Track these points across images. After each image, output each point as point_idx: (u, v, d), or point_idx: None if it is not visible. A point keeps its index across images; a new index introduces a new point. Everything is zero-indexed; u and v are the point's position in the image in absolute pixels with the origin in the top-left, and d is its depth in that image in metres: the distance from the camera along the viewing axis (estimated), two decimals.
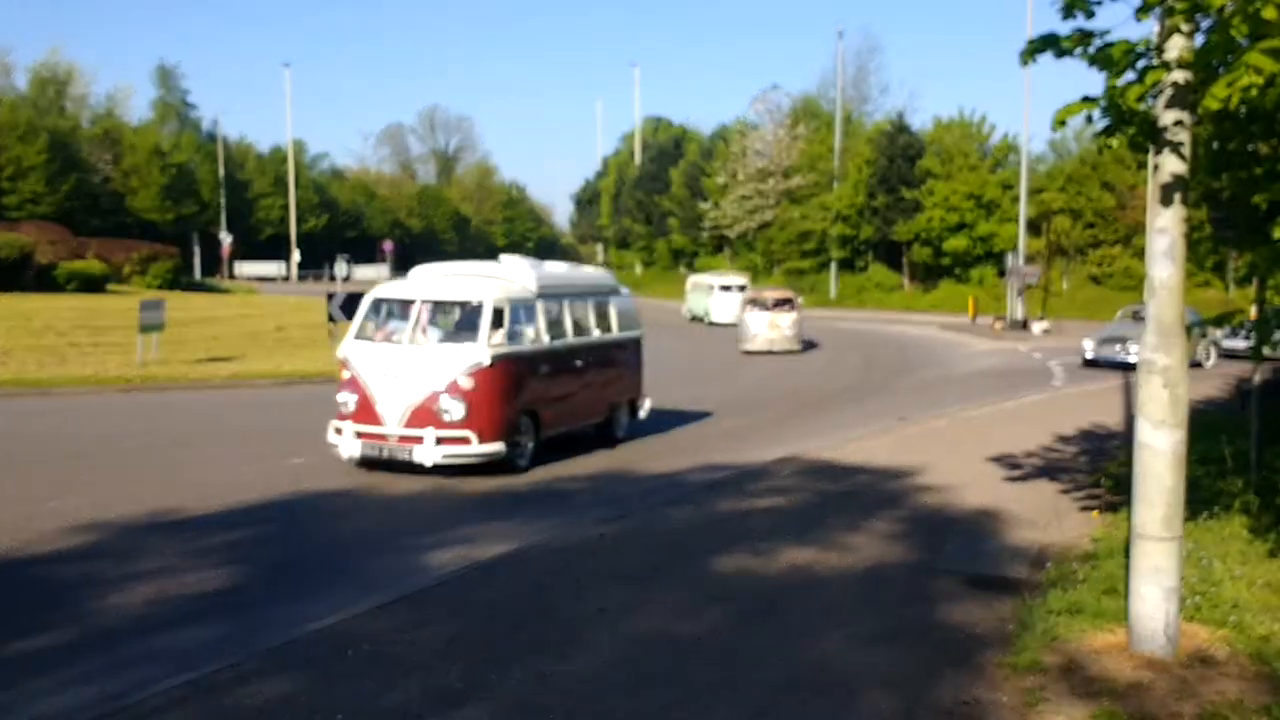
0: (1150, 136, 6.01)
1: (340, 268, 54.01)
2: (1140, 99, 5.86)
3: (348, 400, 11.51)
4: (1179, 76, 5.75)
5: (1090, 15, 6.14)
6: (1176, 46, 5.74)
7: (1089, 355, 27.00)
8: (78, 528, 9.03)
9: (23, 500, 9.99)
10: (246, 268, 71.67)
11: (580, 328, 13.27)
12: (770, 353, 29.24)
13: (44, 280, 40.19)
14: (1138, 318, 27.58)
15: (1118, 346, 26.29)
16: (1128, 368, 24.70)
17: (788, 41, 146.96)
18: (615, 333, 14.12)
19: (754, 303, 31.29)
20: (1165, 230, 5.87)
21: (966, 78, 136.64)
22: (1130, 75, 5.90)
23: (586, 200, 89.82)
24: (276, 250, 76.66)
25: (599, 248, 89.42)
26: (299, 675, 5.72)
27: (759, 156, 63.16)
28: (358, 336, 11.91)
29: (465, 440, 11.08)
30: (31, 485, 10.67)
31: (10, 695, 5.63)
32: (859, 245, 58.76)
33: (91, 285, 41.83)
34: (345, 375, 11.65)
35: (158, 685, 5.59)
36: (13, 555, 8.26)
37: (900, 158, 55.95)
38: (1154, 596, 5.91)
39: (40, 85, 78.22)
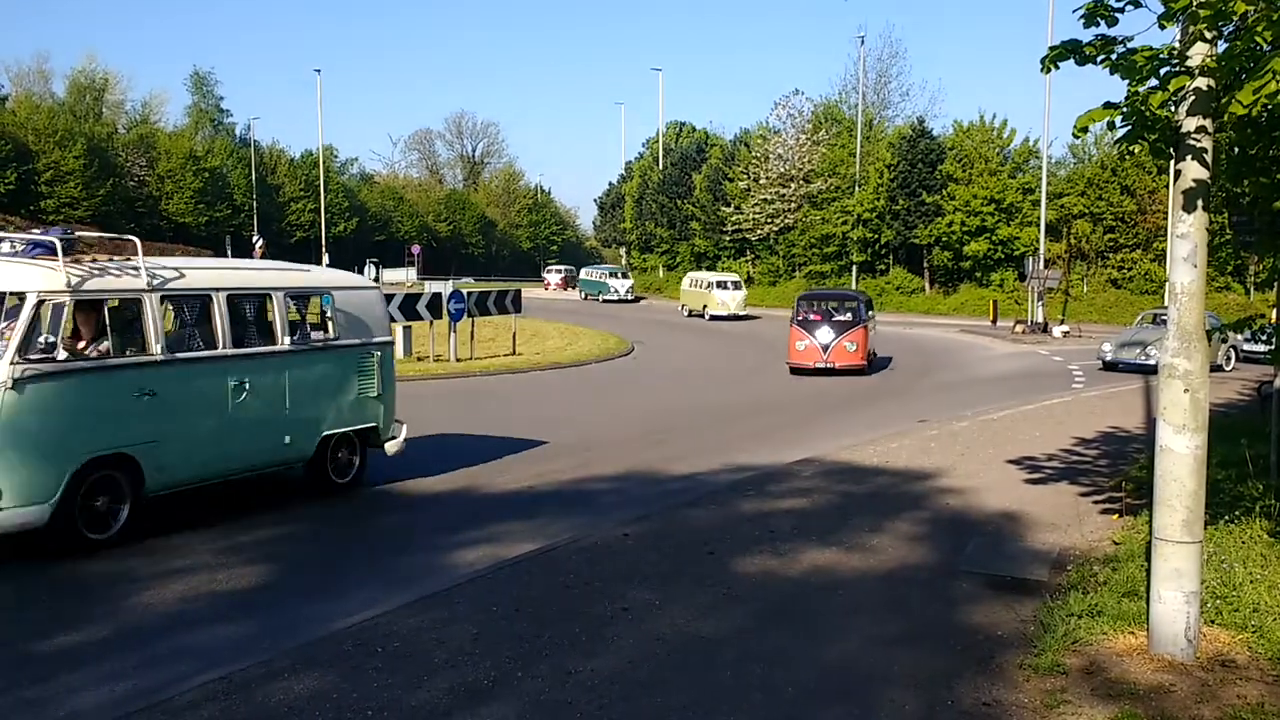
0: (1172, 143, 6.04)
1: (369, 271, 54.40)
2: (1163, 105, 5.89)
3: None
4: (1202, 83, 5.78)
5: (1113, 23, 6.18)
6: (1199, 53, 5.77)
7: (1108, 358, 26.94)
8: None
9: None
10: None
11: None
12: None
13: None
14: (1158, 321, 27.51)
15: (1138, 350, 26.21)
16: (1147, 371, 24.63)
17: (809, 47, 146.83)
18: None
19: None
20: (1187, 236, 5.91)
21: (987, 82, 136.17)
22: (1153, 82, 5.93)
23: (610, 204, 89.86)
24: (307, 253, 76.90)
25: (622, 251, 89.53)
26: (328, 672, 5.81)
27: (780, 161, 63.13)
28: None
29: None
30: None
31: (46, 690, 5.74)
32: (880, 249, 58.68)
33: None
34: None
35: (190, 682, 5.70)
36: (47, 552, 8.40)
37: (921, 162, 55.88)
38: (1174, 600, 5.94)
39: (78, 92, 79.09)
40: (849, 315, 24.82)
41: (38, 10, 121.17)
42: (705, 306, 46.90)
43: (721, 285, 47.83)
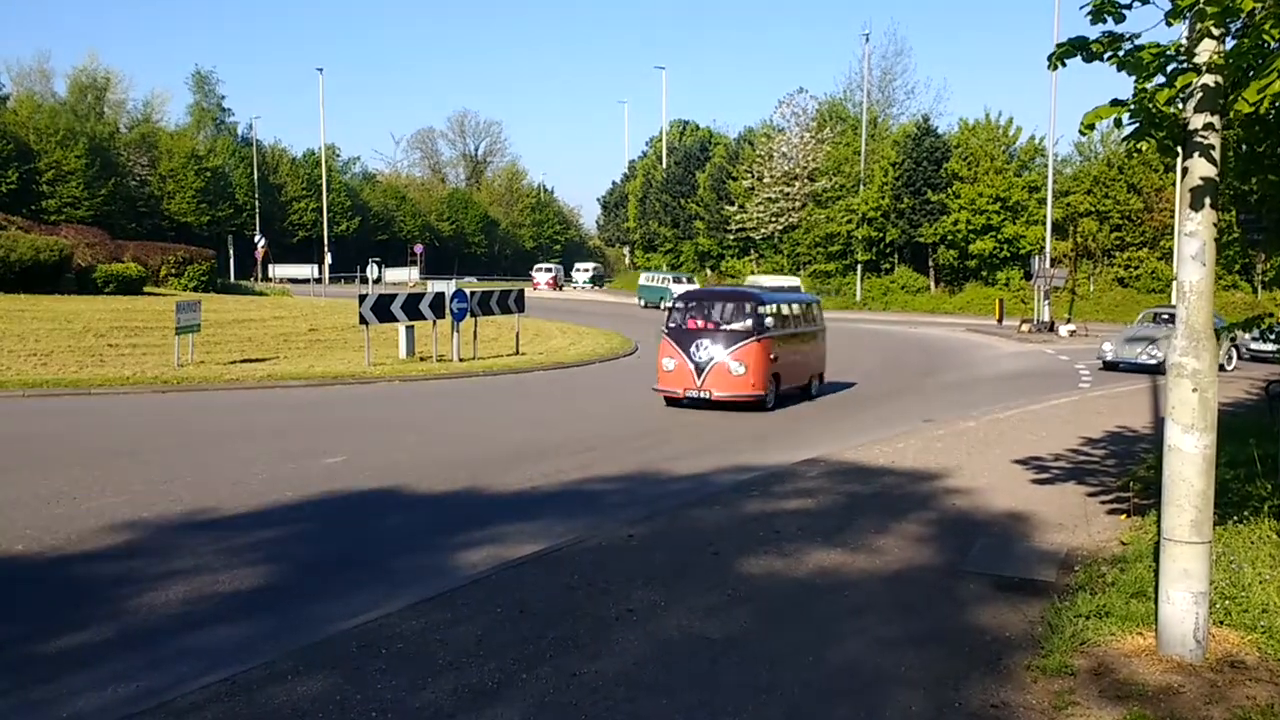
0: (1180, 140, 6.00)
1: (371, 270, 54.42)
2: (1170, 102, 5.86)
3: None
4: (1209, 80, 5.74)
5: (1120, 19, 6.14)
6: (1207, 50, 5.74)
7: (1108, 358, 26.84)
8: (115, 526, 9.16)
9: (61, 498, 10.13)
10: (280, 270, 72.34)
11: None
12: None
13: (83, 283, 40.80)
14: (1158, 319, 27.48)
15: (1138, 349, 26.16)
16: (1148, 370, 24.62)
17: (814, 45, 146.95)
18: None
19: None
20: (1195, 234, 5.87)
21: (992, 80, 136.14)
22: (1160, 79, 5.89)
23: (614, 203, 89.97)
24: (309, 253, 77.25)
25: (626, 250, 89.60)
26: (332, 674, 5.79)
27: (785, 160, 63.18)
28: None
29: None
30: (70, 484, 10.80)
31: (50, 691, 5.72)
32: (885, 248, 58.71)
33: (129, 287, 42.35)
34: None
35: (193, 683, 5.67)
36: (51, 553, 8.38)
37: (926, 160, 55.89)
38: (1183, 600, 5.90)
39: (79, 91, 79.25)
40: (744, 323, 17.87)
41: (39, 9, 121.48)
42: None
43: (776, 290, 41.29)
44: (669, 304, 53.73)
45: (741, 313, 18.21)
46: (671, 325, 18.56)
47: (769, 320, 18.09)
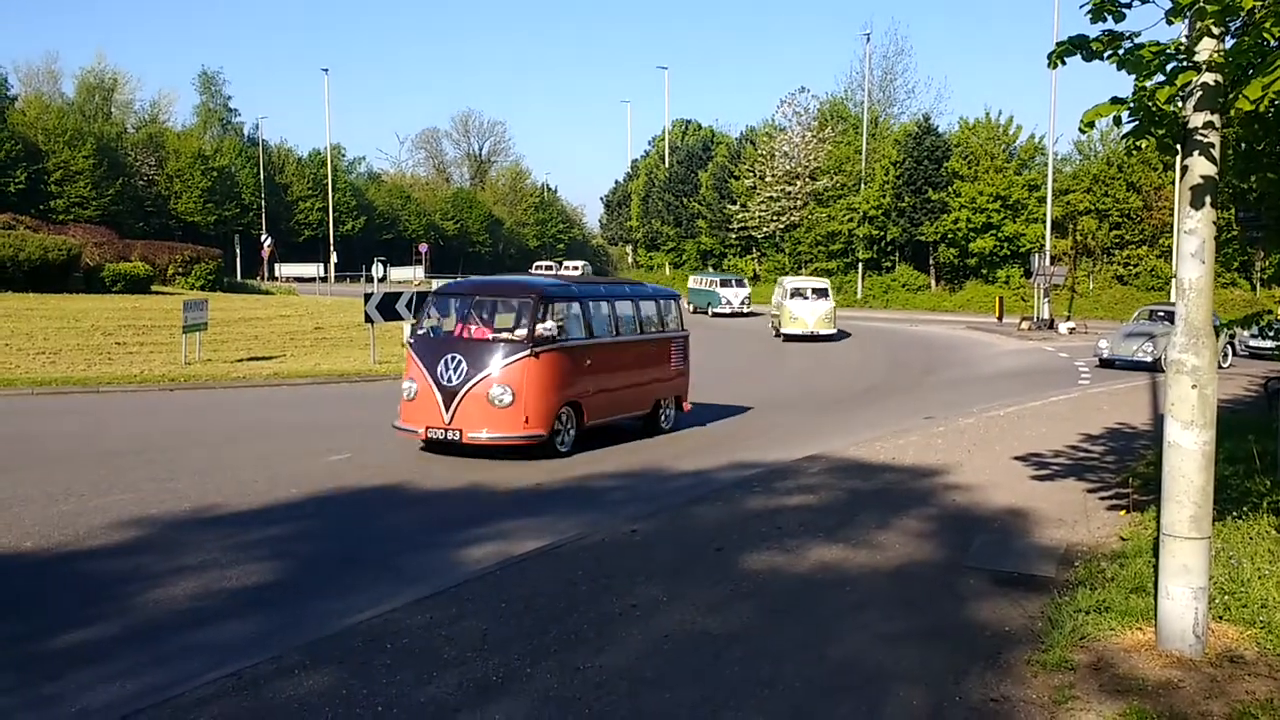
0: (1179, 138, 6.03)
1: (377, 269, 54.50)
2: (1170, 101, 5.88)
3: None
4: (1209, 78, 5.77)
5: (1120, 18, 6.16)
6: (1207, 48, 5.76)
7: (1105, 355, 26.83)
8: (122, 523, 9.21)
9: (69, 496, 10.18)
10: (286, 269, 72.56)
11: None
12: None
13: (91, 281, 40.98)
14: (1154, 317, 27.50)
15: (1135, 347, 26.18)
16: (1144, 368, 24.65)
17: (815, 44, 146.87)
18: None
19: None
20: (1194, 232, 5.90)
21: (993, 78, 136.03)
22: (1160, 77, 5.92)
23: (616, 202, 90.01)
24: (315, 252, 77.39)
25: (629, 249, 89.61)
26: (338, 669, 5.83)
27: (786, 159, 63.16)
28: None
29: None
30: (78, 481, 10.85)
31: (58, 687, 5.77)
32: (885, 246, 58.72)
33: (137, 286, 42.49)
34: None
35: (200, 678, 5.72)
36: (59, 550, 8.43)
37: (926, 159, 55.89)
38: (1182, 596, 5.93)
39: (87, 92, 79.50)
40: (519, 330, 12.74)
41: (47, 10, 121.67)
42: (781, 322, 35.14)
43: (798, 294, 35.10)
44: (717, 310, 45.01)
45: (517, 314, 13.00)
46: (420, 332, 13.51)
47: (553, 326, 12.68)
